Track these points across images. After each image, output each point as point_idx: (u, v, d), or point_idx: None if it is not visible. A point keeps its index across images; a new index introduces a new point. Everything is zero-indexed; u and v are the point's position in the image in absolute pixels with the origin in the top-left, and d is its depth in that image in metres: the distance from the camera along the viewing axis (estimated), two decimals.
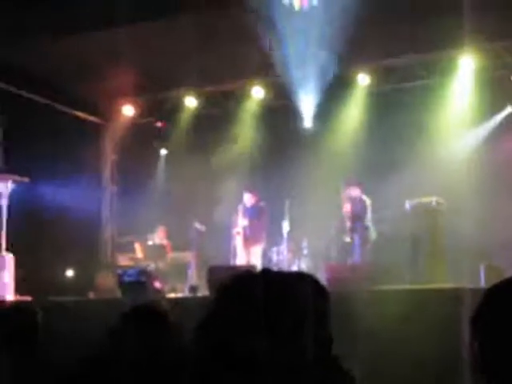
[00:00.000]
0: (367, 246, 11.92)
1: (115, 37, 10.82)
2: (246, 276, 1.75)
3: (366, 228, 11.97)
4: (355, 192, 12.15)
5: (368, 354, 6.69)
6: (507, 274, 1.84)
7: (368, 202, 12.06)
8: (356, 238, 11.97)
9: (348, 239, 12.03)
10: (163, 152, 15.17)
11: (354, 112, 13.09)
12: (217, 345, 1.60)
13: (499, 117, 12.56)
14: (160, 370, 2.69)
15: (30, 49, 11.25)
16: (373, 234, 11.96)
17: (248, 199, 12.44)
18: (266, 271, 1.75)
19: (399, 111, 12.16)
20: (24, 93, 12.64)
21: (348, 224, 12.02)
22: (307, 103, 13.18)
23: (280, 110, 13.54)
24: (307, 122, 13.55)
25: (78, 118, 14.21)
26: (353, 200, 12.11)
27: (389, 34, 10.93)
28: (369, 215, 12.02)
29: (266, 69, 12.40)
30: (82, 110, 14.36)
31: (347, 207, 12.05)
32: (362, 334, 6.99)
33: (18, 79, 12.44)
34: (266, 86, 13.43)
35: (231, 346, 1.57)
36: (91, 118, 14.71)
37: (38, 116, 12.55)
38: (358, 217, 12.00)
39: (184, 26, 10.67)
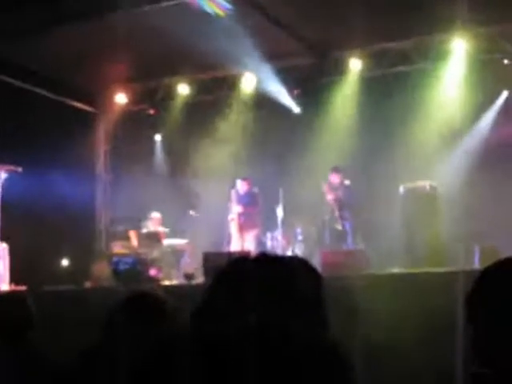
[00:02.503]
0: (359, 231, 11.93)
1: (107, 25, 10.77)
2: (241, 261, 1.75)
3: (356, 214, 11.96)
4: (336, 179, 12.14)
5: (363, 339, 6.71)
6: (502, 256, 1.84)
7: (351, 186, 12.06)
8: (346, 224, 11.98)
9: (339, 227, 12.04)
10: (158, 140, 15.16)
11: (346, 97, 13.06)
12: (213, 330, 1.61)
13: (496, 104, 12.54)
14: (156, 358, 2.69)
15: (21, 39, 11.19)
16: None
17: (241, 186, 12.46)
18: (261, 255, 1.75)
19: (392, 96, 12.14)
20: (16, 82, 12.59)
21: (336, 213, 12.02)
22: (284, 92, 13.33)
23: (273, 96, 13.55)
24: (294, 108, 13.60)
25: (70, 106, 14.16)
26: (335, 188, 12.11)
27: (381, 18, 10.90)
28: (355, 199, 11.99)
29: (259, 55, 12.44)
30: (75, 99, 14.31)
31: (331, 196, 12.05)
32: (357, 319, 7.01)
33: (10, 69, 12.38)
34: (258, 72, 13.36)
35: (227, 330, 1.58)
36: (84, 107, 14.66)
37: (31, 105, 12.52)
38: (344, 204, 11.99)
39: (176, 12, 10.61)
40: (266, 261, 1.72)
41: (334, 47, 12.58)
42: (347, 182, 12.10)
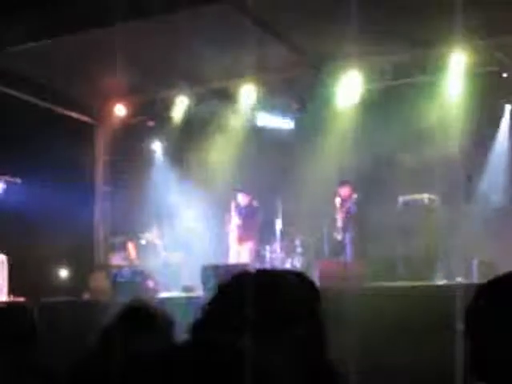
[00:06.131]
0: (358, 243, 11.92)
1: (106, 36, 10.79)
2: (242, 276, 1.75)
3: (359, 227, 11.96)
4: (346, 191, 12.17)
5: (361, 351, 6.70)
6: (499, 269, 1.85)
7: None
8: (347, 236, 11.99)
9: (339, 237, 12.05)
10: (157, 152, 15.17)
11: (344, 110, 13.05)
12: (211, 344, 1.61)
13: (505, 121, 12.59)
14: (152, 371, 2.68)
15: (21, 50, 11.20)
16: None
17: (242, 199, 12.49)
18: (260, 271, 1.76)
19: (390, 109, 12.16)
20: (16, 93, 12.60)
21: (339, 223, 12.04)
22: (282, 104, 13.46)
23: (270, 108, 13.60)
24: (292, 120, 13.65)
25: (69, 118, 14.17)
26: (344, 199, 12.14)
27: (379, 31, 10.92)
28: (358, 212, 12.01)
29: (258, 68, 12.47)
30: (74, 111, 14.32)
31: (339, 207, 12.08)
32: (355, 332, 7.00)
33: (9, 80, 12.40)
34: (257, 85, 13.39)
35: (225, 345, 1.58)
36: (83, 118, 14.67)
37: (30, 117, 12.52)
38: (349, 216, 12.00)
39: (175, 25, 10.64)
40: (264, 276, 1.73)
41: (332, 60, 12.60)
42: (355, 196, 12.10)
